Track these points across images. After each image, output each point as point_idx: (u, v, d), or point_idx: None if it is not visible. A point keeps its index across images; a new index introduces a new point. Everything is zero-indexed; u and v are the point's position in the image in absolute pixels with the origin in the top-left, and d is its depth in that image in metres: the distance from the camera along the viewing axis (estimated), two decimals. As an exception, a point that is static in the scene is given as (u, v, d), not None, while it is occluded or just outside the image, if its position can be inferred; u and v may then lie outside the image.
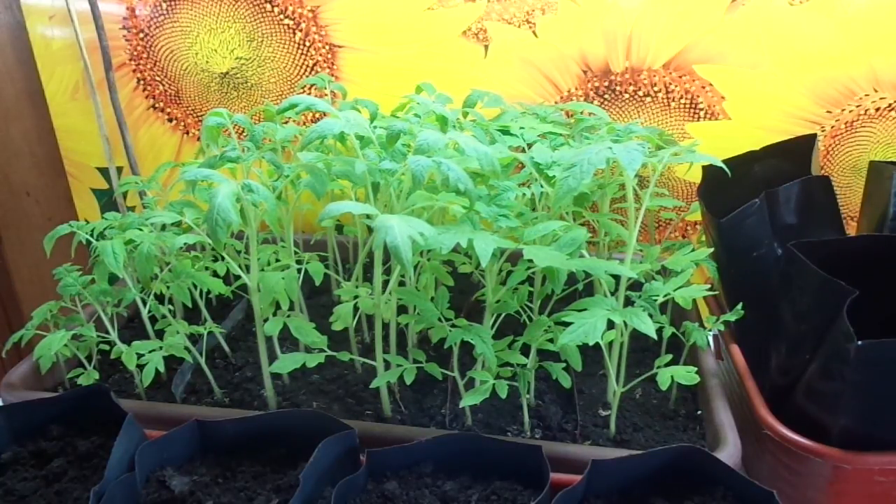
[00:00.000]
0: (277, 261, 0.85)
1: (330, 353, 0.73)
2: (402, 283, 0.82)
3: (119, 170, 1.25)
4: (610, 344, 0.73)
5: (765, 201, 0.80)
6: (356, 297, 0.78)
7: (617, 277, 0.71)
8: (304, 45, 1.14)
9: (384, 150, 0.69)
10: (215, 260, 0.91)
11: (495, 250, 0.59)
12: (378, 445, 0.62)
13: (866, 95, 1.03)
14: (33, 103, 1.23)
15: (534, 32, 1.07)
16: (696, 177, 1.06)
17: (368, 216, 0.59)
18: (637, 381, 0.75)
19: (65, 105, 1.24)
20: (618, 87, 1.09)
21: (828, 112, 1.05)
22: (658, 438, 0.75)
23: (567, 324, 0.63)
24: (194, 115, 1.22)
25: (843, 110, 1.05)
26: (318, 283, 0.87)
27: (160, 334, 0.84)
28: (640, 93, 1.08)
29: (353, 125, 0.64)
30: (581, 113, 0.94)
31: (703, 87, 1.06)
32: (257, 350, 0.76)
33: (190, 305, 0.86)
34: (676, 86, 1.07)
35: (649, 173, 0.68)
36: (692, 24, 1.03)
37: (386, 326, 0.75)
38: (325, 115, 0.66)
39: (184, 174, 0.64)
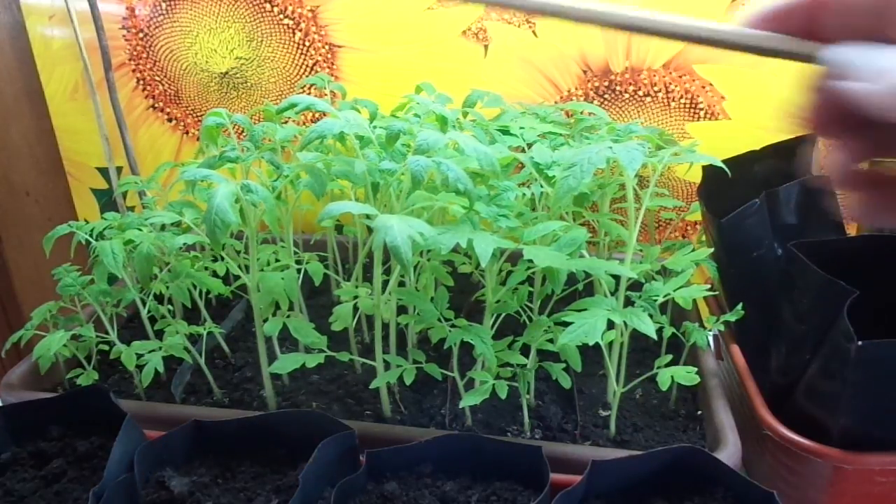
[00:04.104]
0: (277, 261, 0.85)
1: (330, 353, 0.73)
2: (401, 284, 0.82)
3: (119, 170, 1.25)
4: (610, 344, 0.73)
5: (765, 201, 0.80)
6: (356, 297, 0.78)
7: (617, 277, 0.71)
8: (304, 44, 1.14)
9: (384, 150, 0.69)
10: (215, 260, 0.91)
11: (495, 250, 0.59)
12: (378, 446, 0.62)
13: (866, 95, 1.03)
14: (33, 103, 1.22)
15: (534, 32, 1.07)
16: (696, 177, 1.06)
17: (368, 216, 0.59)
18: (637, 382, 0.75)
19: (64, 105, 1.24)
20: (618, 87, 1.09)
21: (828, 112, 1.05)
22: (658, 439, 0.75)
23: (567, 324, 0.63)
24: (194, 115, 1.22)
25: (843, 110, 1.04)
26: (317, 283, 0.87)
27: (160, 334, 0.83)
28: (640, 93, 1.08)
29: (353, 125, 0.64)
30: (581, 113, 0.94)
31: (703, 87, 1.06)
32: (257, 350, 0.76)
33: (189, 306, 0.86)
34: (676, 86, 1.07)
35: (649, 173, 0.68)
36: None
37: (385, 327, 0.75)
38: (324, 114, 0.66)
39: (183, 174, 0.64)
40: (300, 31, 1.13)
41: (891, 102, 0.23)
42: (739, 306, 0.77)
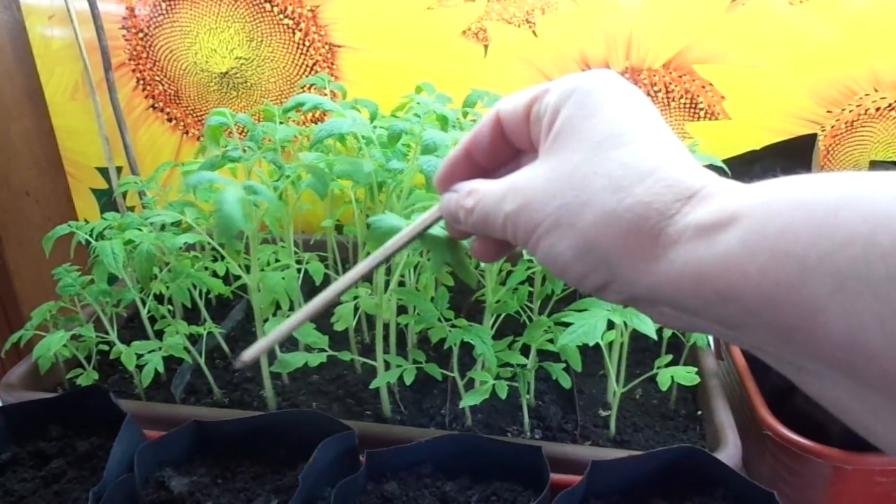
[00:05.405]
0: (277, 261, 0.85)
1: (330, 352, 0.73)
2: (401, 283, 0.82)
3: (119, 170, 1.25)
4: (610, 344, 0.73)
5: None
6: (356, 297, 0.78)
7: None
8: (304, 44, 1.14)
9: (385, 149, 0.69)
10: (215, 260, 0.91)
11: (495, 250, 0.59)
12: (378, 446, 0.62)
13: (866, 95, 1.03)
14: (33, 103, 1.22)
15: (534, 32, 1.07)
16: (696, 177, 1.06)
17: (368, 216, 0.59)
18: (637, 382, 0.75)
19: (64, 105, 1.24)
20: (618, 87, 1.09)
21: (828, 112, 1.05)
22: (658, 439, 0.75)
23: (567, 324, 0.63)
24: (194, 114, 1.22)
25: (843, 110, 1.05)
26: (317, 282, 0.87)
27: (160, 334, 0.83)
28: (640, 93, 1.08)
29: (360, 125, 0.64)
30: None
31: (703, 87, 1.06)
32: (257, 350, 0.76)
33: (189, 306, 0.86)
34: (676, 85, 1.07)
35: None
36: (692, 24, 1.03)
37: (386, 327, 0.75)
38: (325, 114, 0.66)
39: (188, 180, 0.63)
40: (300, 31, 1.13)
41: (473, 228, 0.36)
42: (739, 306, 0.77)
